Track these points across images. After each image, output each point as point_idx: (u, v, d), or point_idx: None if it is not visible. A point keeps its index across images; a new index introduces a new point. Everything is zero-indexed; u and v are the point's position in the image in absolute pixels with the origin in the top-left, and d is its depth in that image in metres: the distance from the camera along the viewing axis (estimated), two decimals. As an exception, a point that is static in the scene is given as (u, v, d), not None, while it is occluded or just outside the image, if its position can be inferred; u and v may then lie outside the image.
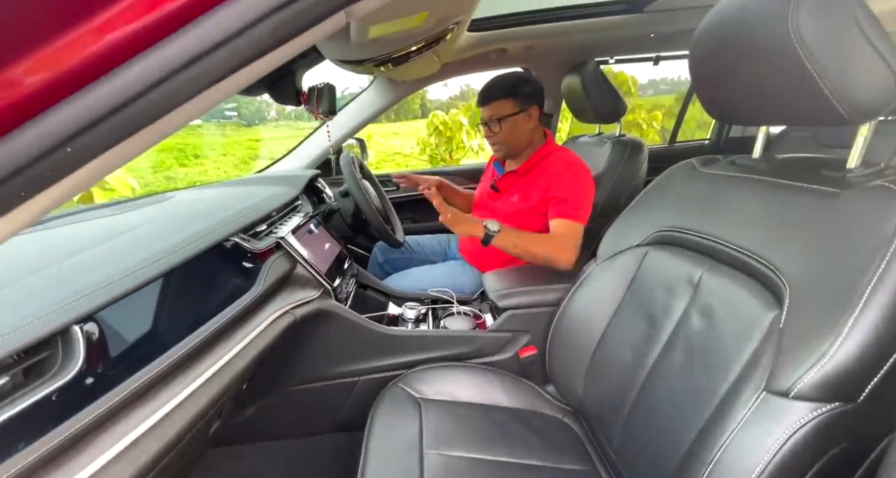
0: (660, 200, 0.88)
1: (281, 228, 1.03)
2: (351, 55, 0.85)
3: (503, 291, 1.12)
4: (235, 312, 0.72)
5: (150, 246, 0.69)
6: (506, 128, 1.23)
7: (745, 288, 0.64)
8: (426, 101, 19.45)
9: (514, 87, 1.21)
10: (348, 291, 1.16)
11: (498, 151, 1.31)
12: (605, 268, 0.94)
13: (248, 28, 0.30)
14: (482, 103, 1.24)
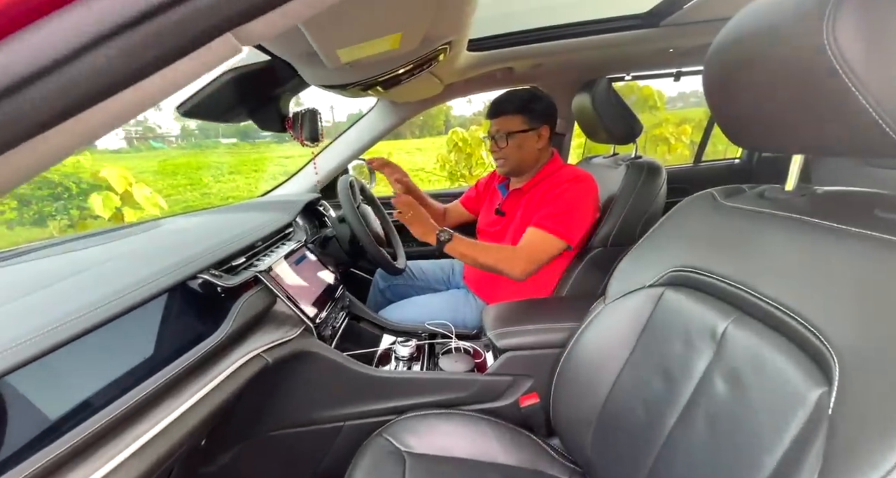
0: (676, 235, 0.77)
1: (264, 259, 0.97)
2: (332, 80, 0.80)
3: (503, 329, 1.01)
4: (193, 360, 0.65)
5: (106, 285, 0.64)
6: (512, 144, 1.17)
7: (780, 352, 0.52)
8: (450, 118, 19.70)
9: (525, 103, 1.15)
10: (336, 326, 1.08)
11: (501, 166, 1.24)
12: (616, 309, 0.83)
13: (87, 50, 0.23)
14: (491, 116, 1.20)
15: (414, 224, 1.10)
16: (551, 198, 1.12)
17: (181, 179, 13.50)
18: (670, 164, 3.48)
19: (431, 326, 1.22)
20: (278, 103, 0.92)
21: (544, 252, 1.09)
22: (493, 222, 1.32)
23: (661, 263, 0.76)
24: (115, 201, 3.53)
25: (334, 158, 1.68)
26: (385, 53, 0.72)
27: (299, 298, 0.96)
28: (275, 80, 0.83)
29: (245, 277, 0.85)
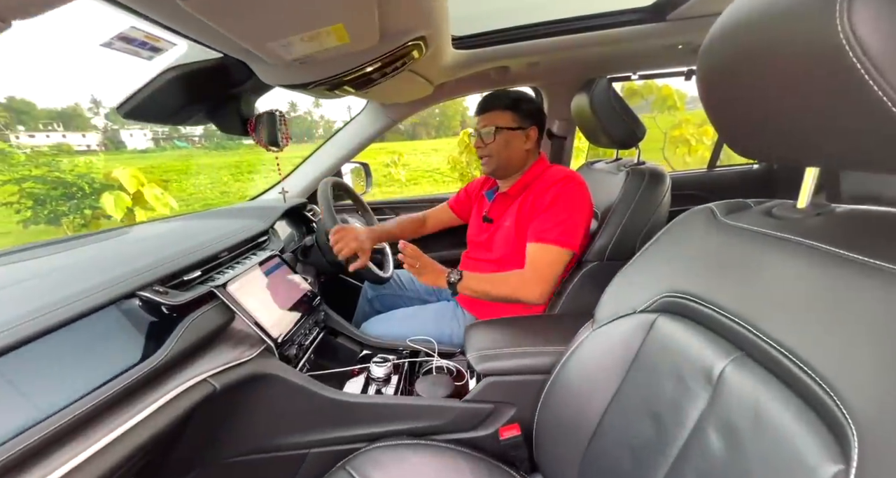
0: (672, 255, 0.67)
1: (226, 272, 0.91)
2: (289, 79, 0.73)
3: (484, 351, 0.93)
4: (118, 389, 0.59)
5: (28, 303, 0.58)
6: (499, 140, 1.09)
7: (785, 409, 0.43)
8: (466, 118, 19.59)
9: (515, 101, 1.08)
10: (304, 344, 1.01)
11: (486, 164, 1.16)
12: (604, 335, 0.74)
13: None
14: (479, 112, 1.12)
15: (424, 275, 1.08)
16: (545, 205, 1.04)
17: (203, 178, 13.89)
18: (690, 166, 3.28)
19: (413, 342, 1.14)
20: (239, 104, 0.86)
21: (554, 267, 1.03)
22: (482, 230, 1.24)
23: (655, 286, 0.67)
24: (126, 201, 3.58)
25: (325, 161, 1.62)
26: (339, 49, 0.64)
27: (262, 314, 0.90)
28: (229, 78, 0.76)
29: (196, 293, 0.78)
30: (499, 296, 1.05)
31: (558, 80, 1.43)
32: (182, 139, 21.75)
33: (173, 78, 0.68)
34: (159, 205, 3.98)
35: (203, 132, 22.33)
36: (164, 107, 0.76)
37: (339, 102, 0.93)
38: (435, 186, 11.43)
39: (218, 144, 19.95)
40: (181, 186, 12.92)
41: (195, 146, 21.04)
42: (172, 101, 0.75)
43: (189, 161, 16.73)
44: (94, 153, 4.70)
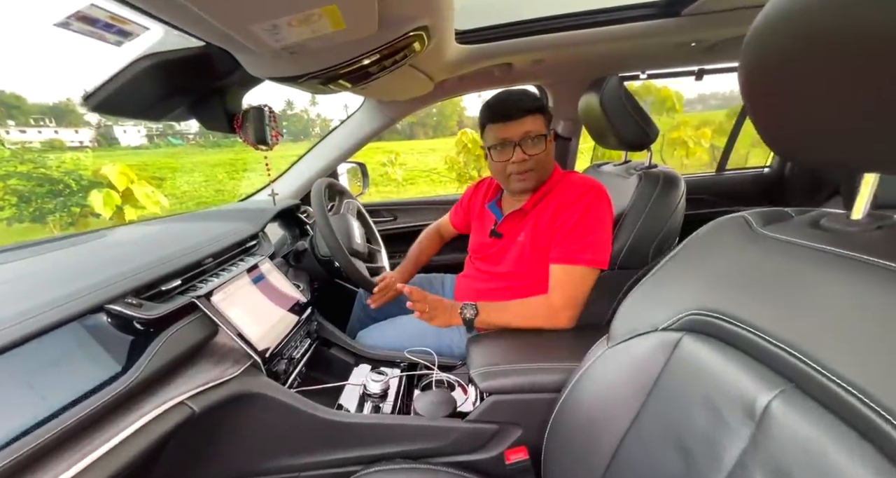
0: (699, 267, 0.61)
1: (211, 280, 0.84)
2: (278, 70, 0.66)
3: (488, 367, 0.86)
4: (82, 417, 0.52)
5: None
6: (549, 148, 0.99)
7: (852, 455, 0.37)
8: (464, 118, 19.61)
9: (539, 102, 0.96)
10: (295, 358, 0.94)
11: (526, 180, 1.00)
12: (620, 353, 0.68)
13: None
14: (510, 116, 0.95)
15: (435, 317, 1.00)
16: (572, 221, 0.95)
17: (198, 175, 13.75)
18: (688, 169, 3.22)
19: (412, 354, 1.07)
20: (224, 99, 0.79)
21: (584, 289, 0.95)
22: (489, 245, 1.16)
23: (679, 302, 0.61)
24: (115, 199, 3.49)
25: (319, 161, 1.55)
26: (333, 37, 0.57)
27: (249, 326, 0.83)
28: (213, 70, 0.69)
29: (175, 305, 0.71)
30: (522, 325, 0.98)
31: (564, 79, 1.36)
32: (177, 136, 21.53)
33: (148, 67, 0.61)
34: (150, 203, 3.89)
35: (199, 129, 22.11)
36: (138, 99, 0.68)
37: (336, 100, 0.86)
38: (432, 186, 11.38)
39: (214, 141, 19.77)
40: (175, 184, 12.79)
41: (190, 143, 20.83)
42: (147, 93, 0.67)
43: (184, 158, 16.58)
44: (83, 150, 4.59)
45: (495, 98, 0.99)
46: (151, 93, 0.67)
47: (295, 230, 1.45)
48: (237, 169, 14.84)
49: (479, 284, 1.18)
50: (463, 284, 1.25)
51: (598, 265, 0.94)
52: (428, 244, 1.39)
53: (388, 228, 1.71)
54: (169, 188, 12.48)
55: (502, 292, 1.11)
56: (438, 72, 1.15)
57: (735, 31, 1.11)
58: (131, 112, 0.71)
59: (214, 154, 17.24)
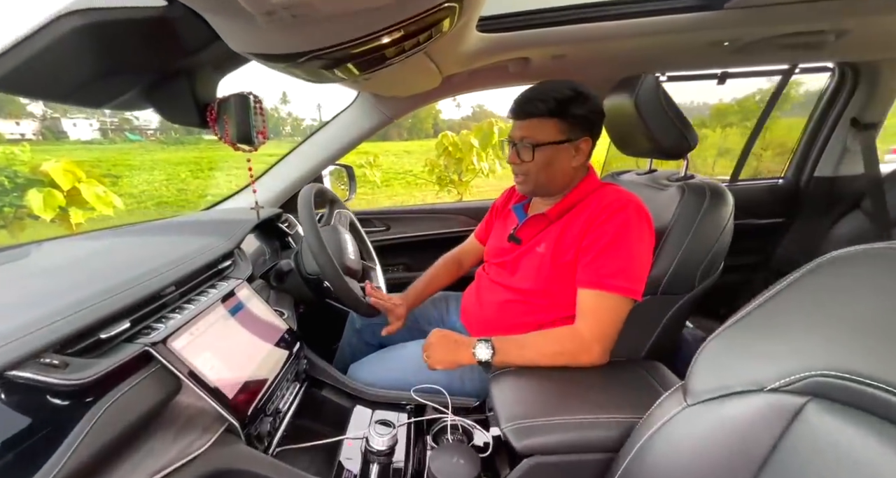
0: (823, 311, 0.48)
1: (172, 317, 0.64)
2: (272, 45, 0.49)
3: (523, 421, 0.71)
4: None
5: None
6: (539, 158, 0.87)
7: None
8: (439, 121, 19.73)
9: (564, 104, 0.83)
10: (282, 410, 0.76)
11: (521, 183, 0.94)
12: (709, 415, 0.54)
13: None
14: (516, 115, 0.88)
15: (444, 361, 0.88)
16: (605, 240, 0.83)
17: (158, 174, 12.90)
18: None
19: (420, 394, 0.90)
20: (193, 83, 0.60)
21: (617, 320, 0.83)
22: (506, 250, 1.01)
23: (797, 357, 0.48)
24: (59, 199, 3.11)
25: (304, 163, 1.35)
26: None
27: (223, 376, 0.64)
28: (178, 42, 0.51)
29: (119, 359, 0.52)
30: (549, 365, 0.85)
31: (583, 78, 1.24)
32: (135, 132, 20.25)
33: (77, 29, 0.42)
34: (101, 204, 3.50)
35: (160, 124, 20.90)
36: (63, 76, 0.48)
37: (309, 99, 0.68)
38: (408, 188, 11.18)
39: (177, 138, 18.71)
40: (132, 182, 11.96)
41: (150, 139, 19.60)
42: (76, 67, 0.47)
43: (143, 156, 15.54)
44: (20, 144, 4.07)
45: (524, 91, 0.88)
46: (83, 68, 0.48)
47: (275, 243, 1.25)
48: (202, 168, 14.10)
49: (491, 296, 1.03)
50: (472, 300, 1.10)
51: (632, 295, 0.82)
52: (444, 273, 1.20)
53: (380, 238, 1.53)
54: (125, 186, 11.67)
55: (515, 307, 0.97)
56: (451, 63, 0.99)
57: (778, 29, 1.01)
58: (52, 92, 0.51)
59: (177, 152, 16.30)
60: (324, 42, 0.50)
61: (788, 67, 1.36)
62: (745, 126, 6.04)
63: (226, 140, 0.65)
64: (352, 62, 0.60)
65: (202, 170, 13.36)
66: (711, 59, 1.23)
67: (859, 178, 1.42)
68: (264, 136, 0.69)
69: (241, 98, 0.63)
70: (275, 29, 0.45)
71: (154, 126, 20.76)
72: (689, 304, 0.90)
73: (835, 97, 1.44)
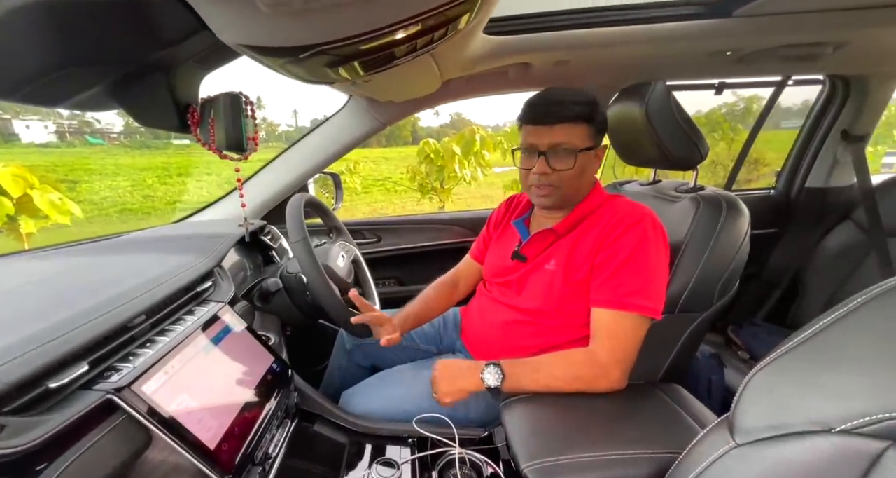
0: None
1: (140, 354, 0.54)
2: (272, 36, 0.41)
3: (544, 461, 0.64)
4: None
5: None
6: (578, 165, 0.80)
7: None
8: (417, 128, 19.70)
9: (592, 109, 0.78)
10: (272, 455, 0.66)
11: (547, 196, 0.84)
12: (763, 457, 0.49)
13: None
14: (543, 120, 0.79)
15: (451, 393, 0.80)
16: (616, 256, 0.78)
17: (122, 179, 12.26)
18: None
19: (422, 426, 0.82)
20: (171, 80, 0.50)
21: (636, 341, 0.77)
22: (510, 269, 0.95)
23: (868, 394, 0.43)
24: (7, 208, 2.86)
25: (289, 171, 1.26)
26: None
27: (203, 422, 0.54)
28: (156, 30, 0.42)
29: (74, 412, 0.42)
30: (564, 391, 0.79)
31: (585, 84, 1.20)
32: (96, 135, 19.28)
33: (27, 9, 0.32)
34: (57, 213, 3.24)
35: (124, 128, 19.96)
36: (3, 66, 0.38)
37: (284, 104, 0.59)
38: (387, 195, 11.06)
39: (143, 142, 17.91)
40: (92, 188, 11.32)
41: (114, 144, 18.68)
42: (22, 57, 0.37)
43: (104, 159, 14.75)
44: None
45: (539, 95, 0.81)
46: (34, 57, 0.38)
47: (257, 257, 1.14)
48: (170, 174, 13.52)
49: (494, 316, 0.96)
50: (473, 319, 1.03)
51: (652, 314, 0.77)
52: (435, 297, 1.08)
53: (371, 251, 1.45)
54: (85, 193, 11.03)
55: (522, 328, 0.90)
56: (453, 67, 0.93)
57: (781, 39, 1.01)
58: None
59: (143, 156, 15.58)
60: (334, 34, 0.43)
61: (782, 79, 1.38)
62: (712, 137, 6.28)
63: (211, 147, 0.56)
64: (359, 60, 0.53)
65: (170, 176, 12.78)
66: (712, 69, 1.22)
67: (850, 189, 1.45)
68: (256, 142, 0.60)
69: (231, 98, 0.54)
70: (280, 17, 0.37)
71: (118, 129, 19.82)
72: (707, 321, 0.86)
73: (825, 109, 1.46)
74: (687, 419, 0.73)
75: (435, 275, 1.54)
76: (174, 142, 17.92)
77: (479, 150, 5.44)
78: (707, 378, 1.07)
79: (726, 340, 1.54)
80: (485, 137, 5.47)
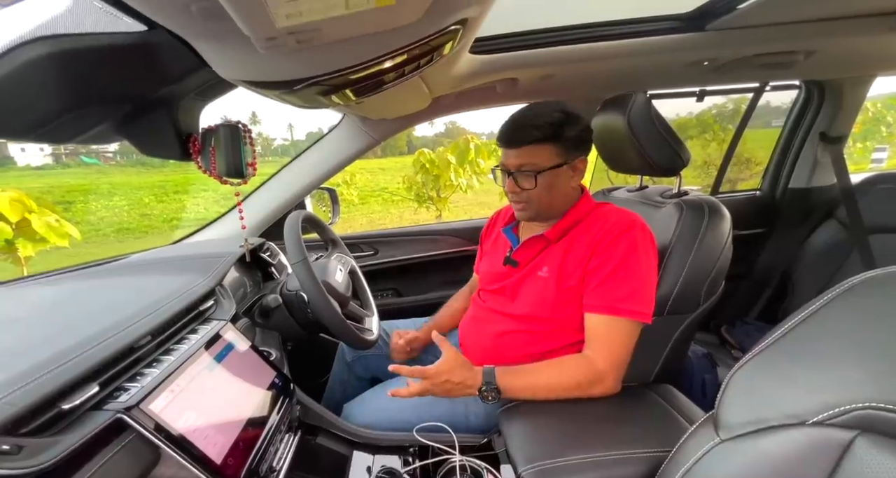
0: (862, 336, 0.46)
1: (148, 373, 0.57)
2: (268, 72, 0.44)
3: (542, 463, 0.66)
4: None
5: None
6: (542, 184, 0.84)
7: None
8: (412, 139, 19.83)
9: (557, 128, 0.82)
10: (277, 468, 0.68)
11: (522, 211, 0.91)
12: (745, 450, 0.52)
13: None
14: (509, 144, 0.85)
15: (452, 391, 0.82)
16: (607, 262, 0.81)
17: (119, 199, 12.24)
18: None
19: (423, 435, 0.84)
20: (173, 113, 0.54)
21: (629, 345, 0.81)
22: (503, 275, 0.98)
23: (837, 386, 0.46)
24: (5, 232, 2.87)
25: (287, 188, 1.29)
26: (364, 20, 0.37)
27: (210, 438, 0.56)
28: (159, 70, 0.45)
29: (87, 432, 0.44)
30: (561, 397, 0.82)
31: (569, 97, 1.25)
32: (91, 155, 19.28)
33: (42, 59, 0.36)
34: (54, 236, 3.25)
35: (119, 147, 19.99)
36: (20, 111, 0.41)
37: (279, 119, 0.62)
38: (384, 205, 11.09)
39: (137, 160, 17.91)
40: (88, 208, 11.30)
41: (109, 164, 18.67)
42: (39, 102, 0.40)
43: (99, 179, 14.73)
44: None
45: (510, 118, 0.86)
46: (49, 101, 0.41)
47: (256, 274, 1.16)
48: (167, 192, 13.49)
49: (489, 326, 0.98)
50: (470, 330, 1.05)
51: (643, 319, 0.80)
52: (458, 307, 1.17)
53: (368, 263, 1.47)
54: (81, 213, 11.00)
55: (517, 338, 0.93)
56: (442, 85, 0.97)
57: (754, 49, 1.05)
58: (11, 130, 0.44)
59: (139, 175, 15.58)
60: (325, 68, 0.46)
61: (760, 85, 1.43)
62: (704, 138, 6.37)
63: (212, 173, 0.59)
64: (350, 88, 0.56)
65: (167, 193, 12.77)
66: (691, 79, 1.27)
67: (832, 188, 1.49)
68: (254, 168, 0.63)
69: (230, 129, 0.57)
70: (274, 56, 0.40)
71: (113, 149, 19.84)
72: (696, 322, 0.89)
73: (803, 112, 1.51)
74: (678, 419, 0.75)
75: (432, 285, 1.56)
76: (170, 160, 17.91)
77: (474, 158, 5.50)
78: (701, 378, 1.09)
79: (720, 340, 1.56)
80: (479, 145, 5.53)
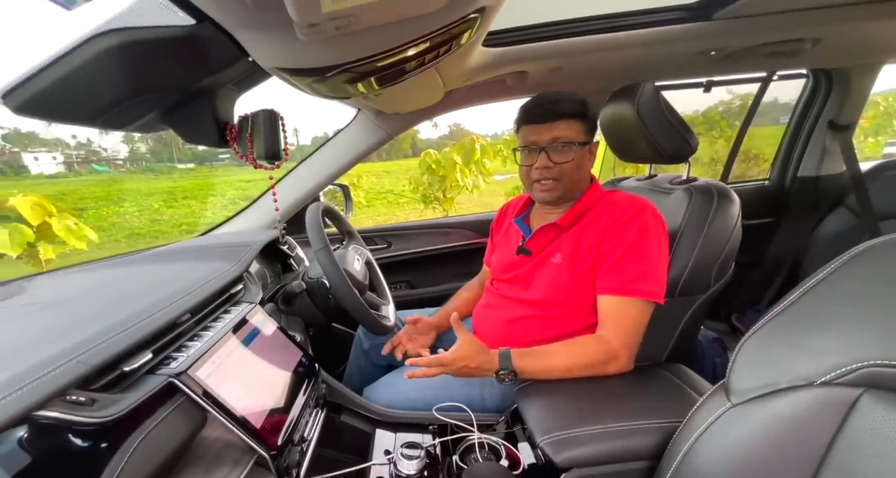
0: (869, 301, 0.48)
1: (190, 346, 0.61)
2: (304, 59, 0.48)
3: (559, 434, 0.69)
4: None
5: None
6: (576, 158, 0.87)
7: None
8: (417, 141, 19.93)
9: (584, 106, 0.86)
10: (307, 438, 0.72)
11: (552, 190, 0.90)
12: (755, 414, 0.54)
13: None
14: (544, 117, 0.86)
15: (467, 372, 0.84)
16: (619, 245, 0.84)
17: (129, 205, 12.46)
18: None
19: (442, 413, 0.87)
20: (212, 102, 0.58)
21: (641, 324, 0.83)
22: (516, 264, 1.00)
23: (844, 349, 0.48)
24: (28, 235, 2.94)
25: (302, 184, 1.33)
26: (396, 5, 0.41)
27: (249, 406, 0.60)
28: (204, 61, 0.49)
29: (145, 392, 0.48)
30: (576, 376, 0.84)
31: (579, 88, 1.28)
32: (102, 163, 19.64)
33: (111, 50, 0.40)
34: (73, 238, 3.33)
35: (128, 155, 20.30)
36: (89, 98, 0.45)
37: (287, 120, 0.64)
38: (389, 208, 11.15)
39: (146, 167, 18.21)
40: (100, 214, 11.51)
41: (119, 171, 19.00)
42: (105, 89, 0.44)
43: (109, 186, 15.00)
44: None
45: (535, 97, 0.89)
46: (113, 89, 0.45)
47: (276, 266, 1.21)
48: (176, 197, 13.66)
49: (503, 313, 1.01)
50: (483, 317, 1.08)
51: (656, 299, 0.83)
52: (467, 298, 1.21)
53: (382, 256, 1.51)
54: (93, 218, 11.20)
55: (531, 323, 0.95)
56: (455, 78, 1.00)
57: (761, 38, 1.07)
58: (79, 115, 0.48)
59: (147, 182, 15.82)
60: (357, 54, 0.50)
61: (767, 75, 1.44)
62: (711, 135, 6.33)
63: (249, 158, 0.64)
64: (375, 76, 0.60)
65: (176, 199, 12.96)
66: (698, 68, 1.29)
67: (841, 176, 1.50)
68: (287, 153, 0.68)
69: (270, 114, 0.61)
70: (313, 42, 0.44)
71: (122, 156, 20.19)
72: (706, 304, 0.91)
73: (811, 101, 1.53)
74: (690, 393, 0.77)
75: (444, 277, 1.60)
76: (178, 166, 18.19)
77: (480, 158, 5.51)
78: (712, 361, 1.11)
79: (731, 328, 1.57)
80: (485, 146, 5.54)
